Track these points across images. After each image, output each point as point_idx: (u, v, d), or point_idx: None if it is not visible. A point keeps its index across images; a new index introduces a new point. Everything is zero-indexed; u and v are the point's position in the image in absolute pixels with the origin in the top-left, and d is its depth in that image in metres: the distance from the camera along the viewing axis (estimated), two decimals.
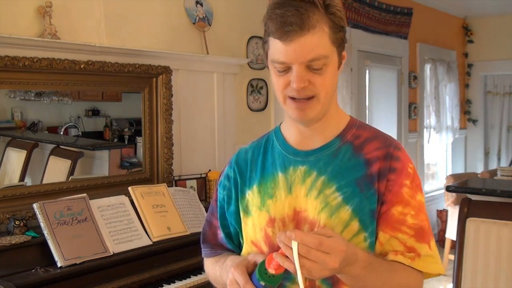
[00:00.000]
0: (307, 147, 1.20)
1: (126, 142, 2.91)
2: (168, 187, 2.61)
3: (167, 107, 2.80)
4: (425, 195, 6.16)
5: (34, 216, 2.12)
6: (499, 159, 6.87)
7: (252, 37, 3.47)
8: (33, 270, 1.96)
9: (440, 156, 6.55)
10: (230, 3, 3.34)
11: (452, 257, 4.41)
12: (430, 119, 5.96)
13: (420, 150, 5.86)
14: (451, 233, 4.71)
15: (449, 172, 6.38)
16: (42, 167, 2.56)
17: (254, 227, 1.21)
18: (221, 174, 1.33)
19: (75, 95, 2.61)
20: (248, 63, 3.47)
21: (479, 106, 6.83)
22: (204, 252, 1.34)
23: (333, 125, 1.20)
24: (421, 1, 5.57)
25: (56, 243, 2.02)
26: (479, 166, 6.77)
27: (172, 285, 2.25)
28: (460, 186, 3.98)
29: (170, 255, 2.35)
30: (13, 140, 2.49)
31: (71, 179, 2.55)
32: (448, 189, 3.98)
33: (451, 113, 6.27)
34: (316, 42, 1.05)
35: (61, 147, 2.67)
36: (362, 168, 1.14)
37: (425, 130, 5.92)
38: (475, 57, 6.71)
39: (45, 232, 2.03)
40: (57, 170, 2.60)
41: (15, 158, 2.48)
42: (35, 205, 2.08)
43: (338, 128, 1.20)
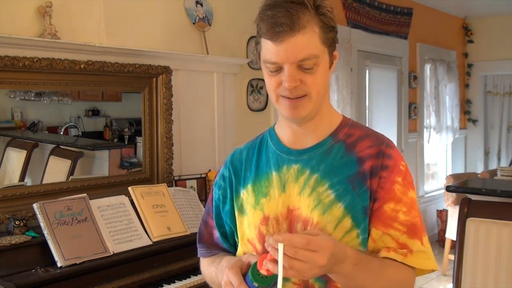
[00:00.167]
0: (300, 146, 1.21)
1: (126, 142, 2.91)
2: (168, 187, 2.62)
3: (167, 107, 2.80)
4: (425, 195, 6.17)
5: (34, 216, 2.12)
6: (499, 159, 6.87)
7: (252, 37, 3.47)
8: (33, 270, 1.96)
9: (440, 156, 6.55)
10: (230, 3, 3.34)
11: (452, 257, 4.41)
12: (430, 119, 5.96)
13: (420, 150, 5.86)
14: (451, 233, 4.71)
15: (449, 172, 6.38)
16: (42, 167, 2.57)
17: (249, 226, 1.23)
18: (216, 174, 1.35)
19: (75, 95, 2.61)
20: (248, 63, 3.47)
21: (479, 106, 6.83)
22: (200, 252, 1.35)
23: (325, 124, 1.21)
24: (421, 1, 5.57)
25: (56, 243, 2.02)
26: (479, 166, 6.77)
27: (172, 285, 2.25)
28: (460, 186, 3.98)
29: (170, 255, 2.36)
30: (13, 140, 2.49)
31: (71, 179, 2.55)
32: (448, 189, 3.98)
33: (451, 113, 6.27)
34: (306, 42, 1.07)
35: (61, 147, 2.67)
36: (354, 166, 1.15)
37: (425, 130, 5.92)
38: (475, 57, 6.71)
39: (45, 232, 2.03)
40: (57, 170, 2.60)
41: (15, 158, 2.48)
42: (35, 205, 2.08)
43: (331, 127, 1.22)
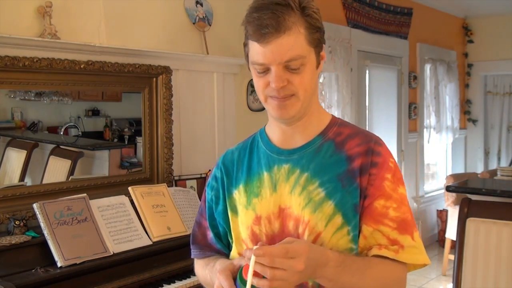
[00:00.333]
0: (290, 145, 1.23)
1: (126, 142, 2.91)
2: (168, 187, 2.62)
3: (167, 107, 2.80)
4: (425, 195, 6.18)
5: (34, 216, 2.12)
6: (499, 159, 6.87)
7: None
8: (33, 270, 1.95)
9: (440, 156, 6.55)
10: (230, 3, 3.34)
11: (452, 257, 4.41)
12: (430, 119, 5.96)
13: (420, 150, 5.86)
14: (451, 233, 4.71)
15: (449, 172, 6.38)
16: (42, 167, 2.56)
17: (242, 226, 1.24)
18: (209, 175, 1.36)
19: (75, 95, 2.61)
20: None
21: (479, 106, 6.83)
22: (194, 253, 1.36)
23: (314, 123, 1.23)
24: (421, 1, 5.57)
25: (56, 243, 2.02)
26: (479, 166, 6.77)
27: (172, 285, 2.25)
28: (460, 186, 3.98)
29: (170, 255, 2.35)
30: (13, 140, 2.49)
31: (71, 179, 2.54)
32: (448, 189, 3.98)
33: (451, 113, 6.27)
34: (292, 43, 1.09)
35: (61, 147, 2.67)
36: (344, 164, 1.17)
37: (425, 130, 5.92)
38: (475, 57, 6.71)
39: (45, 232, 2.03)
40: (57, 170, 2.60)
41: (15, 158, 2.48)
42: (35, 205, 2.08)
43: (320, 127, 1.23)
